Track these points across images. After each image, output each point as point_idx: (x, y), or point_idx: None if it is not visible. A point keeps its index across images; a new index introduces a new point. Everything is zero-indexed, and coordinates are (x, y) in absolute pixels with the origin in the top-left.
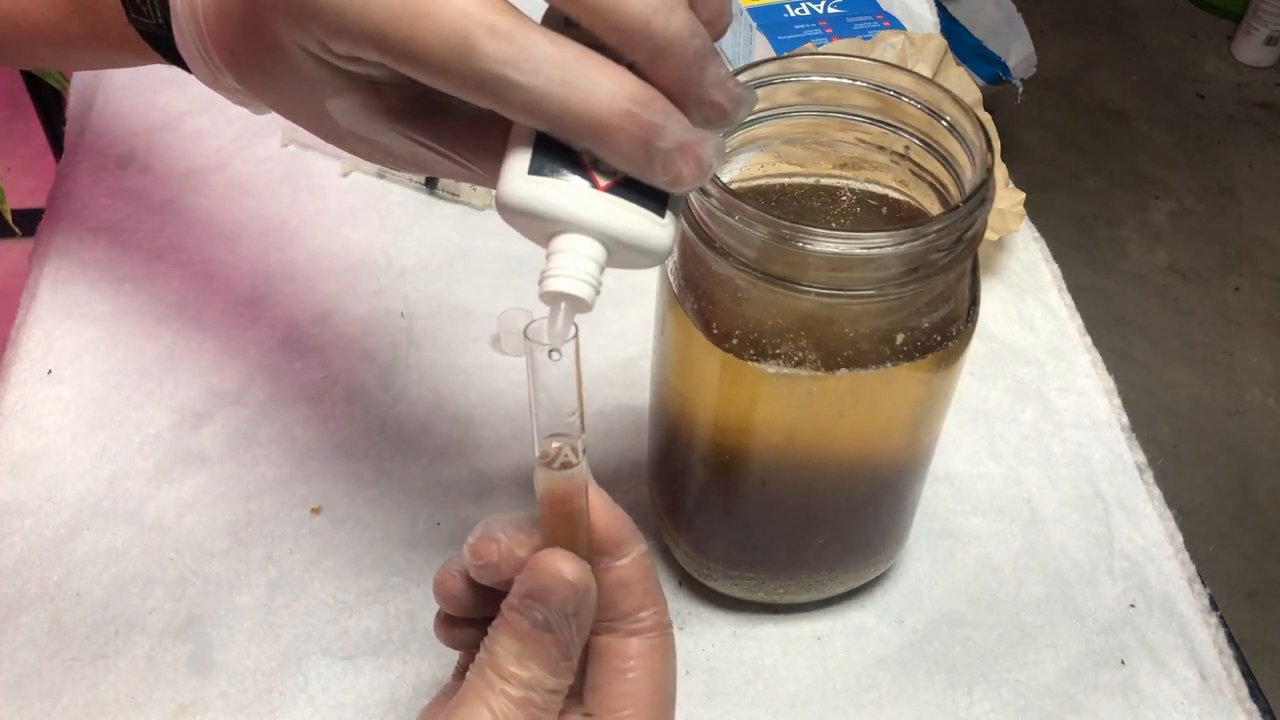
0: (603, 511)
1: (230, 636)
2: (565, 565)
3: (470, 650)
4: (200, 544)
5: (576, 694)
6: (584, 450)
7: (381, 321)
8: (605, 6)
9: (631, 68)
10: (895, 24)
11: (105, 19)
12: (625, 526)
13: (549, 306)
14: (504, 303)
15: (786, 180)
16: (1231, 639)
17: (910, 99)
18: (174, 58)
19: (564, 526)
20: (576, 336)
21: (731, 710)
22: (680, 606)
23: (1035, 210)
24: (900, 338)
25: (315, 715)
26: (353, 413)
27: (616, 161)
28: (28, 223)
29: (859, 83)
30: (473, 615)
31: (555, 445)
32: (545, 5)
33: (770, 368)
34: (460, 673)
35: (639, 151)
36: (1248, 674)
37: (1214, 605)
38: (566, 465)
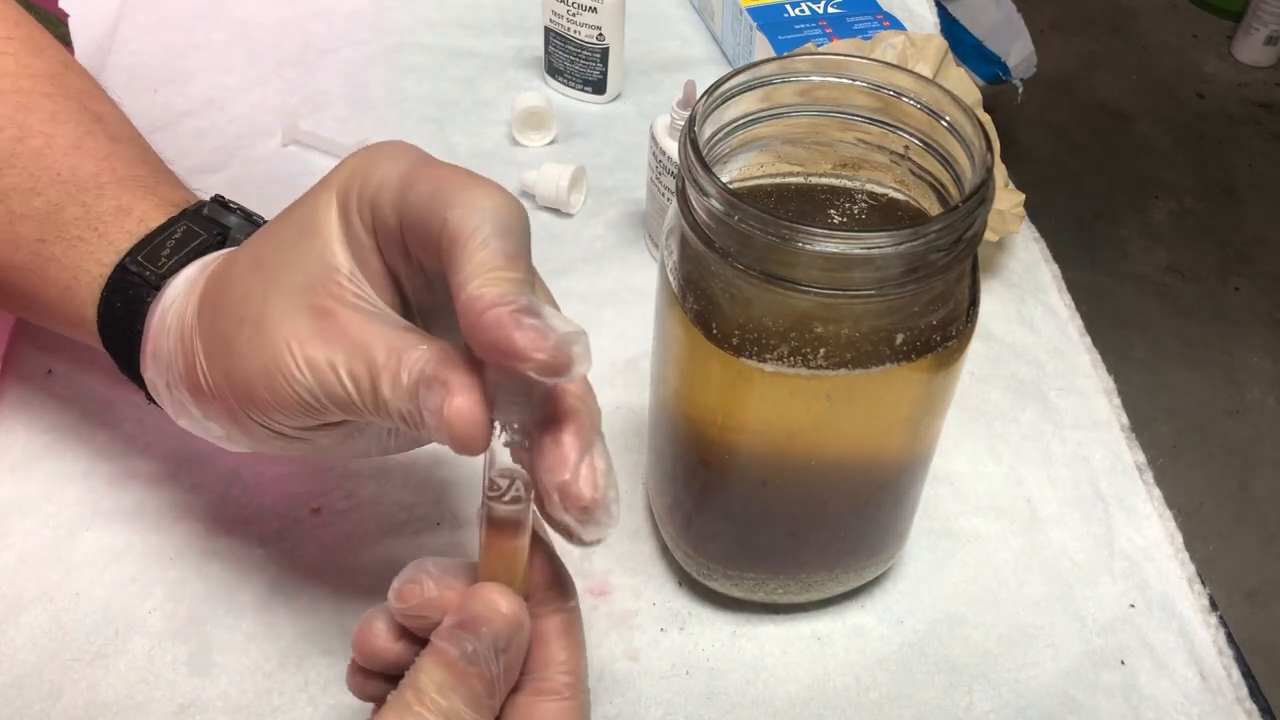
0: (543, 557)
1: (230, 636)
2: (501, 599)
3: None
4: (200, 544)
5: None
6: (530, 490)
7: None
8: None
9: None
10: (895, 24)
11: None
12: (562, 578)
13: None
14: None
15: (786, 180)
16: (1231, 639)
17: (910, 99)
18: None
19: (503, 564)
20: None
21: (731, 710)
22: (680, 606)
23: (1035, 210)
24: (900, 338)
25: (315, 715)
26: None
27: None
28: None
29: (859, 83)
30: (390, 672)
31: (504, 480)
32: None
33: (770, 368)
34: None
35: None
36: (1248, 674)
37: (1214, 605)
38: (515, 501)
